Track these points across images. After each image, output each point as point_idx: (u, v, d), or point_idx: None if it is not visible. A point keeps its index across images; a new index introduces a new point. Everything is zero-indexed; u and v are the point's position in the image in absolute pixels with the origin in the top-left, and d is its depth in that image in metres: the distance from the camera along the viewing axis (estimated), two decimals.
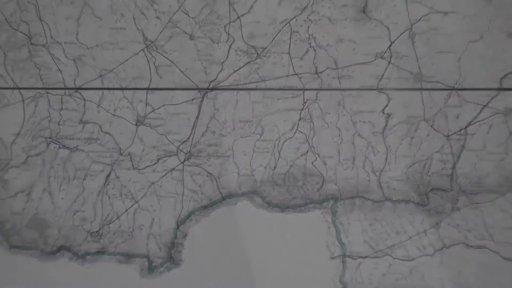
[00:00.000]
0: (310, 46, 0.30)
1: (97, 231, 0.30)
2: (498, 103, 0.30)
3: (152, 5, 0.30)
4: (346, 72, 0.30)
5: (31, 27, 0.30)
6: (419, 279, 0.30)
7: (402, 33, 0.30)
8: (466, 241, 0.30)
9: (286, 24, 0.30)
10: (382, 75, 0.30)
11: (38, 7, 0.31)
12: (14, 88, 0.30)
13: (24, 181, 0.30)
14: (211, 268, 0.30)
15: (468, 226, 0.30)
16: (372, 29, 0.30)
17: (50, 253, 0.31)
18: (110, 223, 0.30)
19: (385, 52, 0.30)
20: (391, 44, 0.30)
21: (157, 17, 0.30)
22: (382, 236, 0.30)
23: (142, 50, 0.30)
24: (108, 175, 0.30)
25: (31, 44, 0.30)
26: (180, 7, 0.30)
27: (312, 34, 0.30)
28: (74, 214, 0.31)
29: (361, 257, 0.30)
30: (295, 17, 0.30)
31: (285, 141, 0.30)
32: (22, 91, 0.30)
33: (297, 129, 0.30)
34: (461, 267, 0.29)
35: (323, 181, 0.30)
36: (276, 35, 0.30)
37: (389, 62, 0.30)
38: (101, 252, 0.31)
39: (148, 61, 0.30)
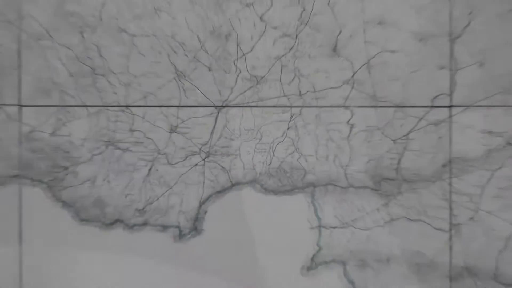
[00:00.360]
0: (296, 75, 0.40)
1: (142, 209, 0.40)
2: (431, 117, 0.39)
3: (181, 45, 0.40)
4: (321, 94, 0.40)
5: (94, 61, 0.40)
6: (374, 244, 0.40)
7: (362, 66, 0.39)
8: (407, 216, 0.39)
9: (278, 60, 0.39)
10: (347, 96, 0.39)
11: (99, 47, 0.40)
12: (82, 106, 0.40)
13: (89, 173, 0.40)
14: (223, 235, 0.40)
15: (409, 205, 0.39)
16: (340, 63, 0.40)
17: (108, 224, 0.41)
18: (151, 203, 0.40)
19: (350, 80, 0.39)
20: (354, 74, 0.39)
21: (185, 55, 0.40)
22: (347, 212, 0.39)
23: (174, 78, 0.40)
24: (150, 168, 0.40)
25: (94, 74, 0.40)
26: (201, 47, 0.39)
27: (297, 67, 0.40)
28: (126, 196, 0.40)
29: (332, 227, 0.40)
30: (284, 54, 0.39)
31: (277, 144, 0.40)
32: (88, 108, 0.40)
33: (286, 135, 0.40)
34: (404, 235, 0.39)
35: (305, 173, 0.40)
36: (271, 67, 0.40)
37: (352, 87, 0.39)
38: (144, 224, 0.41)
39: (178, 86, 0.40)
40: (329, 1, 0.37)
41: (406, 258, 0.37)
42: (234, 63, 0.37)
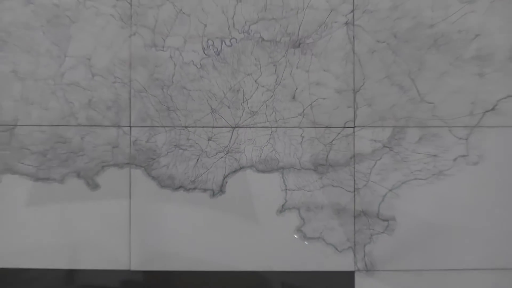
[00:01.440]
0: (273, 111, 0.72)
1: (193, 180, 0.72)
2: (344, 132, 0.72)
3: (213, 95, 0.72)
4: (287, 121, 0.72)
5: (169, 104, 0.73)
6: (314, 199, 0.71)
7: (308, 106, 0.72)
8: (332, 184, 0.71)
9: (264, 103, 0.71)
10: (300, 122, 0.72)
11: (172, 97, 0.73)
12: (162, 127, 0.72)
13: (166, 162, 0.72)
14: (235, 194, 0.71)
15: (332, 178, 0.71)
16: (297, 104, 0.72)
17: (175, 188, 0.72)
18: (198, 177, 0.72)
19: (301, 113, 0.72)
20: (303, 110, 0.72)
21: (215, 100, 0.72)
22: (300, 182, 0.71)
23: (210, 112, 0.72)
24: (197, 159, 0.72)
25: (169, 110, 0.73)
26: (224, 96, 0.72)
27: (274, 106, 0.72)
28: (185, 174, 0.73)
29: (292, 190, 0.72)
30: (267, 100, 0.72)
31: (264, 147, 0.72)
32: (166, 128, 0.73)
33: (268, 142, 0.72)
34: (330, 194, 0.70)
35: (278, 162, 0.71)
36: (260, 107, 0.72)
37: (303, 117, 0.72)
38: (194, 188, 0.73)
39: (213, 117, 0.72)
40: (291, 71, 0.69)
41: (331, 206, 0.69)
42: (241, 105, 0.70)
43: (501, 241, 0.68)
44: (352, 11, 0.67)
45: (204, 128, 0.69)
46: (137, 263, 0.68)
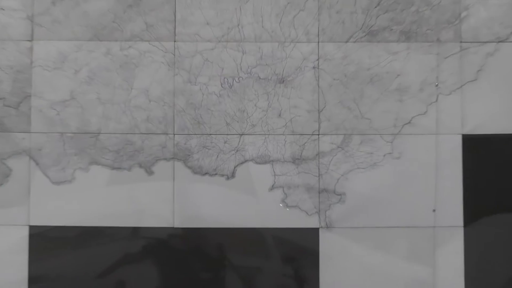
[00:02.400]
0: (268, 123, 1.08)
1: (214, 169, 1.08)
2: (313, 138, 1.08)
3: (229, 124, 1.07)
4: (274, 132, 1.09)
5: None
6: (292, 181, 1.08)
7: (288, 122, 1.08)
8: (303, 171, 1.08)
9: (260, 119, 1.08)
10: (283, 131, 1.08)
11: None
12: (194, 134, 1.09)
13: (197, 157, 1.08)
14: (242, 177, 1.07)
15: (303, 168, 1.08)
16: (283, 122, 1.08)
17: (202, 174, 1.09)
18: (218, 167, 1.08)
19: (285, 126, 1.08)
20: (285, 124, 1.08)
21: (225, 117, 1.08)
22: (283, 170, 1.07)
23: (225, 125, 1.08)
24: (217, 156, 1.08)
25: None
26: (235, 114, 1.08)
27: (268, 122, 1.08)
28: (209, 165, 1.09)
29: (278, 175, 1.08)
30: (264, 116, 1.08)
31: (260, 147, 1.08)
32: (197, 135, 1.09)
33: (262, 145, 1.08)
34: (301, 177, 1.06)
35: (270, 157, 1.08)
36: (256, 123, 1.08)
37: (285, 128, 1.08)
38: (215, 174, 1.09)
39: (227, 129, 1.08)
40: (278, 99, 1.05)
41: (304, 186, 1.05)
42: (246, 120, 1.04)
43: (414, 208, 1.03)
44: (317, 59, 1.03)
45: (222, 135, 1.05)
46: (178, 223, 1.04)
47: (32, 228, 0.93)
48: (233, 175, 0.93)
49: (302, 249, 0.92)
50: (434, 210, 0.90)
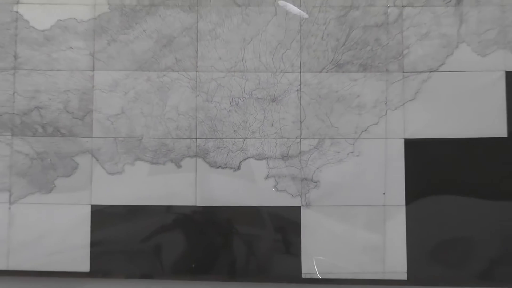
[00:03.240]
0: (264, 131, 1.47)
1: (225, 163, 1.47)
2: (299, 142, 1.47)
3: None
4: (266, 141, 1.48)
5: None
6: (282, 175, 1.47)
7: (275, 133, 1.48)
8: (295, 166, 1.47)
9: (258, 127, 1.48)
10: (275, 137, 1.47)
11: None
12: (211, 138, 1.48)
13: (212, 155, 1.48)
14: (245, 169, 1.46)
15: (287, 163, 1.47)
16: (275, 133, 1.47)
17: (216, 167, 1.48)
18: (228, 162, 1.48)
19: (275, 134, 1.47)
20: (276, 131, 1.47)
21: (233, 126, 1.47)
22: (276, 166, 1.47)
23: (233, 131, 1.48)
24: (227, 154, 1.48)
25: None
26: (240, 124, 1.48)
27: (264, 130, 1.47)
28: (222, 161, 1.48)
29: (271, 168, 1.48)
30: (261, 125, 1.47)
31: (258, 148, 1.48)
32: (213, 139, 1.47)
33: (260, 147, 1.47)
34: (293, 171, 1.46)
35: (264, 154, 1.48)
36: (256, 130, 1.47)
37: (276, 137, 1.47)
38: (226, 167, 1.49)
39: (235, 135, 1.48)
40: (271, 113, 1.45)
41: (290, 176, 1.44)
42: (248, 128, 1.44)
43: (369, 192, 1.41)
44: (299, 84, 1.42)
45: (230, 139, 1.45)
46: (199, 202, 1.41)
47: (93, 207, 1.32)
48: (238, 167, 1.31)
49: (288, 221, 1.30)
50: (384, 193, 1.29)
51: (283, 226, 1.22)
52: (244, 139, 1.23)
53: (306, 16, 1.24)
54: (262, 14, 1.23)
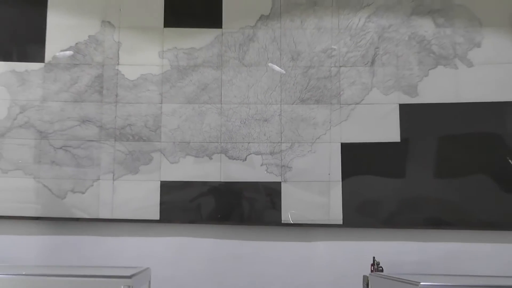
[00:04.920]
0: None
1: (238, 156, 2.53)
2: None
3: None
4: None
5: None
6: (272, 165, 2.53)
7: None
8: (277, 159, 2.53)
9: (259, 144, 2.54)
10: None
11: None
12: (232, 143, 2.55)
13: (232, 153, 2.54)
14: (250, 161, 2.51)
15: (278, 157, 2.53)
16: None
17: (233, 159, 2.54)
18: (240, 157, 2.53)
19: (272, 152, 2.54)
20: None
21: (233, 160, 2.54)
22: (268, 159, 2.53)
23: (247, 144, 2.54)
24: (238, 152, 2.54)
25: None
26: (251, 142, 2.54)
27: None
28: (235, 155, 2.53)
29: (266, 164, 2.53)
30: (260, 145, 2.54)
31: (256, 148, 2.54)
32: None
33: (258, 146, 2.54)
34: (277, 161, 2.52)
35: (261, 154, 2.54)
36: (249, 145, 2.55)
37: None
38: (238, 159, 2.54)
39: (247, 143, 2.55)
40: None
41: (275, 165, 2.51)
42: (250, 137, 2.52)
43: (321, 172, 2.46)
44: (280, 111, 2.49)
45: (241, 143, 2.52)
46: (222, 179, 2.48)
47: (161, 182, 2.43)
48: (245, 159, 2.45)
49: (274, 190, 2.39)
50: (329, 174, 2.36)
51: (271, 193, 2.30)
52: (248, 143, 2.37)
53: (283, 72, 2.36)
54: (258, 71, 2.34)
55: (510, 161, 2.34)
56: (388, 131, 2.47)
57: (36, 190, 2.43)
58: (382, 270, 2.34)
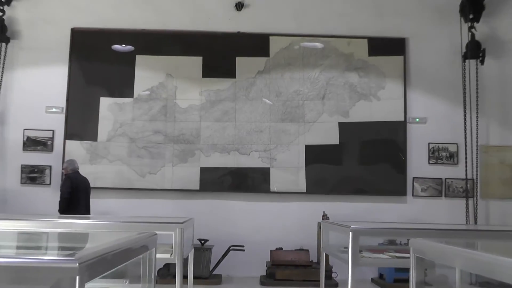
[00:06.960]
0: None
1: (250, 153, 4.32)
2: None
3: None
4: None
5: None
6: (265, 158, 4.32)
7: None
8: (267, 155, 4.33)
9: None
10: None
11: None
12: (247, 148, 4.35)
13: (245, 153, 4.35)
14: (254, 156, 4.34)
15: (269, 155, 4.33)
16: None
17: (248, 155, 4.32)
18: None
19: (267, 158, 4.35)
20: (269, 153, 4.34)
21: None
22: (263, 155, 4.33)
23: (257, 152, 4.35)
24: (245, 150, 4.34)
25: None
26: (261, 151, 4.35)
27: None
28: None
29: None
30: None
31: (255, 151, 4.34)
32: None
33: (256, 149, 4.34)
34: (268, 156, 4.32)
35: (260, 154, 4.33)
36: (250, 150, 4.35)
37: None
38: (250, 155, 4.34)
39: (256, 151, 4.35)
40: (269, 155, 4.32)
41: (266, 156, 4.32)
42: (252, 145, 4.32)
43: (293, 161, 4.24)
44: (270, 126, 4.29)
45: (246, 144, 4.33)
46: (236, 165, 4.29)
47: (201, 168, 4.29)
48: (249, 154, 4.48)
49: (266, 172, 4.33)
50: (298, 163, 4.21)
51: (264, 174, 4.19)
52: (251, 144, 4.38)
53: (271, 103, 4.31)
54: (257, 103, 4.48)
55: (401, 155, 4.13)
56: (332, 138, 4.30)
57: (128, 172, 4.26)
58: (328, 219, 4.11)
